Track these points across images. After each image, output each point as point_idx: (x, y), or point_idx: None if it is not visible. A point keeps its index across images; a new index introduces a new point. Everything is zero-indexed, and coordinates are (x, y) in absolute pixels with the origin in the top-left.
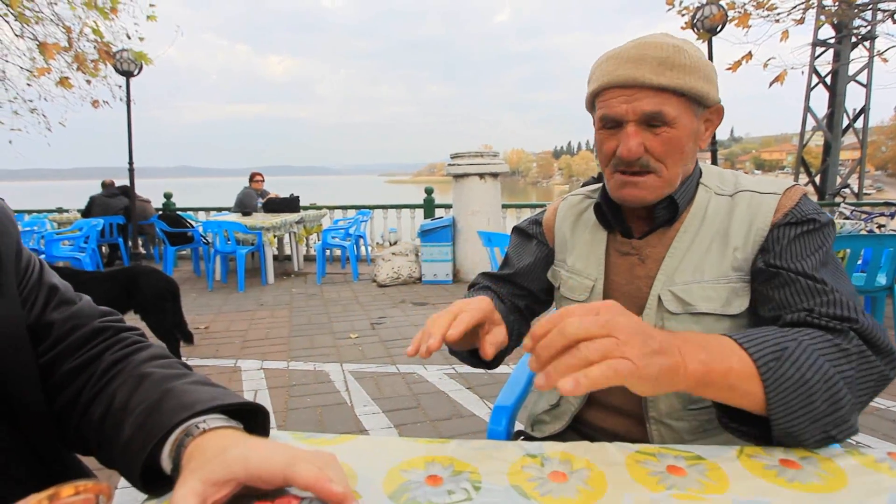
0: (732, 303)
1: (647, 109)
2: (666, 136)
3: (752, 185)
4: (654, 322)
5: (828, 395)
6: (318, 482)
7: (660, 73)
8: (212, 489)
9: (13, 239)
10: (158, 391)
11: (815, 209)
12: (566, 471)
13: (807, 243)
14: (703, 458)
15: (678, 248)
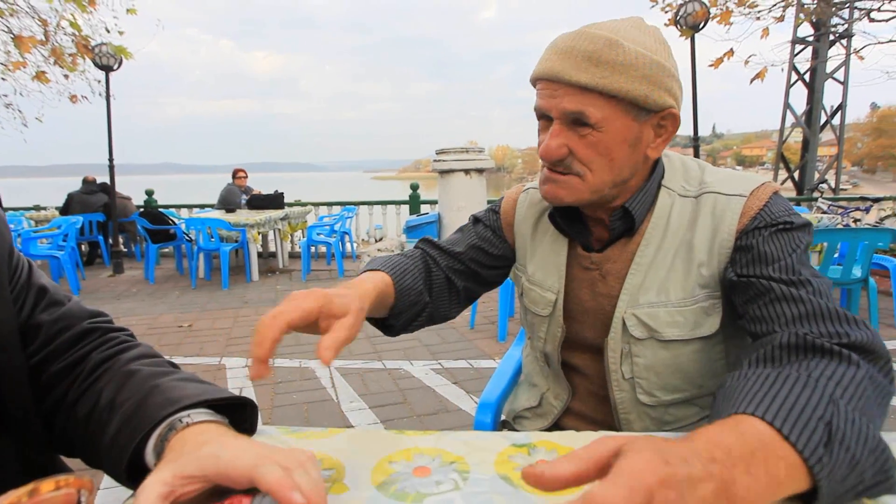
0: (703, 324)
1: (568, 109)
2: (591, 140)
3: (717, 184)
4: (619, 346)
5: (877, 466)
6: (282, 488)
7: (582, 69)
8: (180, 482)
9: (6, 241)
10: (145, 388)
11: (787, 210)
12: (553, 459)
13: (780, 244)
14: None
15: (640, 263)
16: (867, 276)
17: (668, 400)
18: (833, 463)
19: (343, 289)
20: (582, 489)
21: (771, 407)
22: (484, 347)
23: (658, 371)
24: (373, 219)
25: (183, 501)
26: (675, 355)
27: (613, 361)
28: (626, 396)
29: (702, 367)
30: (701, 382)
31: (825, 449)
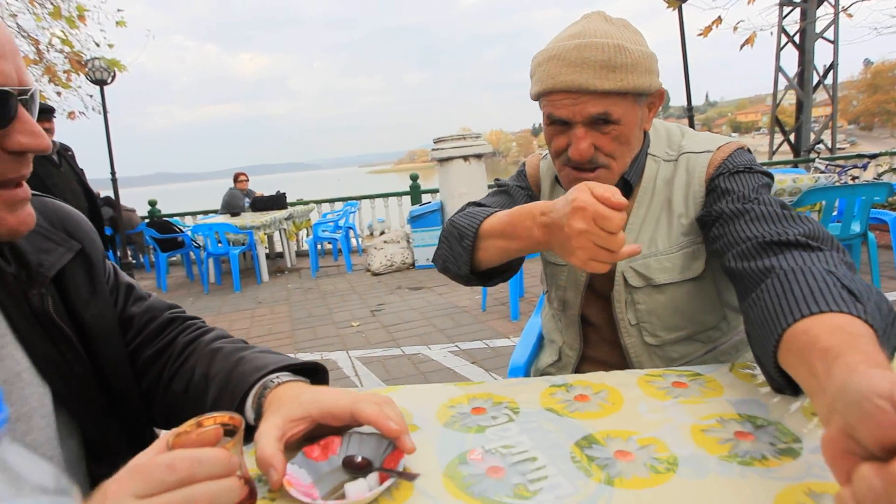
0: (690, 266)
1: (594, 112)
2: (614, 134)
3: (692, 145)
4: (623, 297)
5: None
6: (379, 419)
7: (603, 77)
8: (290, 425)
9: (98, 247)
10: (232, 360)
11: (748, 160)
12: (588, 393)
13: (739, 182)
14: (701, 374)
15: (634, 223)
16: (866, 230)
17: (671, 339)
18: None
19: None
20: None
21: (812, 302)
22: (498, 328)
23: (658, 314)
24: (375, 212)
25: (291, 442)
26: (670, 298)
27: (619, 310)
28: (634, 341)
29: (697, 305)
30: (699, 319)
31: (858, 303)
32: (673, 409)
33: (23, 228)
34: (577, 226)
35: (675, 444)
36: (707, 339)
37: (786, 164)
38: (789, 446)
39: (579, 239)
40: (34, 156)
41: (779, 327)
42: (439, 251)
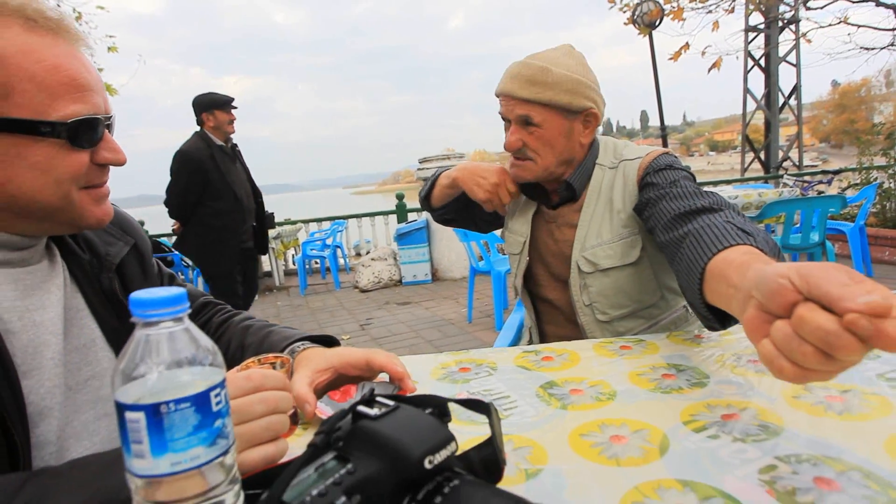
0: (629, 253)
1: (519, 113)
2: (537, 134)
3: (628, 154)
4: (577, 281)
5: (770, 239)
6: (388, 363)
7: (526, 88)
8: (317, 374)
9: (147, 242)
10: (262, 333)
11: (670, 161)
12: (553, 355)
13: (661, 176)
14: (643, 340)
15: (584, 220)
16: (824, 240)
17: (618, 315)
18: (759, 242)
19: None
20: None
21: (715, 244)
22: (483, 338)
23: (606, 294)
24: (362, 231)
25: (318, 389)
26: (615, 280)
27: (576, 293)
28: (588, 319)
29: (637, 286)
30: (639, 298)
31: (751, 237)
32: (618, 363)
33: (106, 219)
34: (494, 179)
35: (615, 384)
36: (648, 315)
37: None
38: (700, 381)
39: (491, 186)
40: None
41: (698, 268)
42: (424, 185)
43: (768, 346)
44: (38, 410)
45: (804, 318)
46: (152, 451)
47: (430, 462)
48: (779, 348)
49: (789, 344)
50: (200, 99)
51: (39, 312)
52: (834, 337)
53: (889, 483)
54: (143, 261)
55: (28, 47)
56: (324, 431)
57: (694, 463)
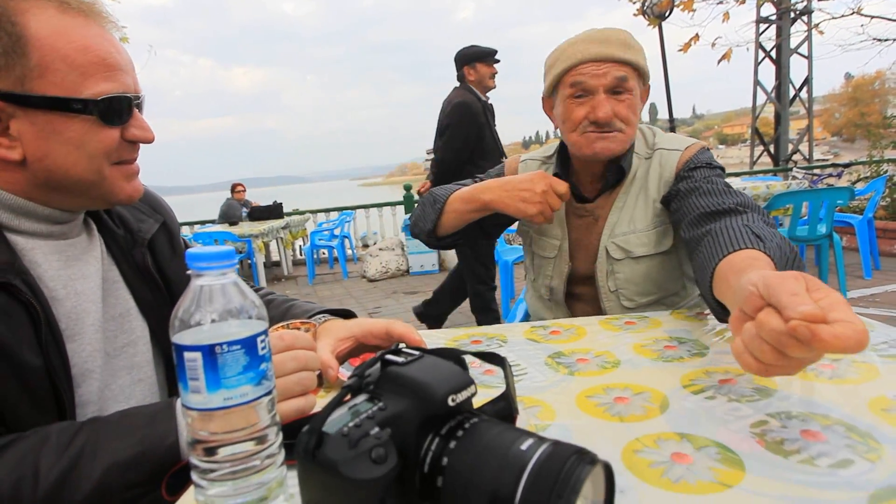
0: (662, 242)
1: (617, 75)
2: (628, 102)
3: (664, 143)
4: (605, 267)
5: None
6: (406, 332)
7: (623, 49)
8: (339, 342)
9: (175, 220)
10: (284, 307)
11: (708, 158)
12: (560, 330)
13: (698, 174)
14: (648, 316)
15: (617, 206)
16: (831, 232)
17: (644, 302)
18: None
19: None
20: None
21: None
22: None
23: (635, 281)
24: (370, 222)
25: (340, 356)
26: (646, 267)
27: (601, 279)
28: (613, 304)
29: (664, 274)
30: (665, 286)
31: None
32: (622, 335)
33: (136, 195)
34: (540, 187)
35: (620, 354)
36: (670, 303)
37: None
38: (700, 351)
39: (540, 196)
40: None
41: (710, 267)
42: (415, 213)
43: (738, 343)
44: (80, 372)
45: (761, 322)
46: (207, 387)
47: (452, 400)
48: (745, 346)
49: (753, 342)
50: (463, 52)
51: (81, 282)
52: (783, 338)
53: (869, 434)
54: (171, 238)
55: (61, 28)
56: (356, 375)
57: (691, 419)
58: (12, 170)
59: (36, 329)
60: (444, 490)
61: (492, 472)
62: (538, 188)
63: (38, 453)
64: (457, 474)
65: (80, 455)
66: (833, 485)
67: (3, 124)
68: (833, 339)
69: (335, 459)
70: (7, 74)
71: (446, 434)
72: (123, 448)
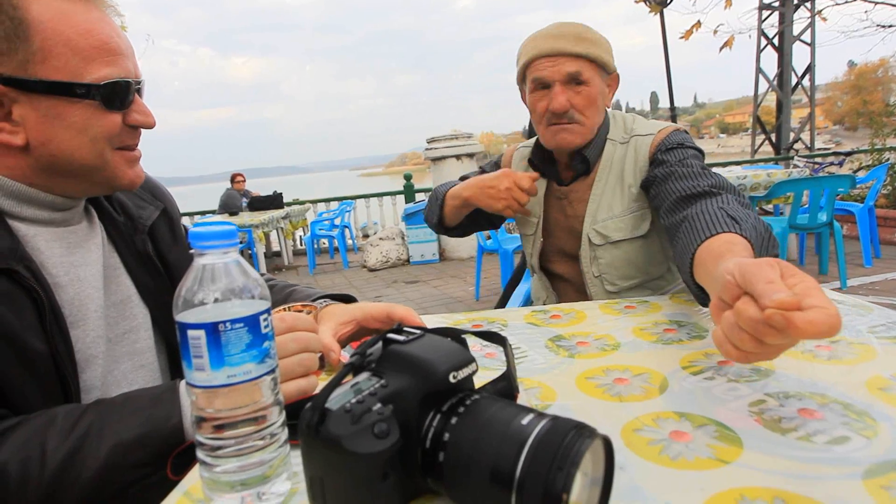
0: (639, 226)
1: (570, 70)
2: (585, 93)
3: (640, 128)
4: (588, 254)
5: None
6: (407, 314)
7: (576, 44)
8: (340, 326)
9: (175, 207)
10: (286, 291)
11: (681, 138)
12: (561, 314)
13: (672, 155)
14: (647, 300)
15: (595, 194)
16: (832, 220)
17: (626, 286)
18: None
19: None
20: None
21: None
22: None
23: (616, 266)
24: (370, 211)
25: (341, 340)
26: (624, 252)
27: (585, 265)
28: (597, 290)
29: (645, 258)
30: (647, 269)
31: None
32: (622, 319)
33: (137, 181)
34: (504, 184)
35: (620, 337)
36: (655, 286)
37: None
38: (699, 334)
39: (504, 193)
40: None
41: (689, 254)
42: (425, 209)
43: (718, 332)
44: (84, 358)
45: (739, 311)
46: (211, 365)
47: (454, 377)
48: (725, 334)
49: (732, 331)
50: None
51: (83, 268)
52: (760, 326)
53: (866, 412)
54: (172, 224)
55: (62, 12)
56: (358, 354)
57: (690, 399)
58: (15, 155)
59: (40, 315)
60: (446, 465)
61: (493, 447)
62: (502, 185)
63: (45, 434)
64: (458, 449)
65: (86, 436)
66: (829, 460)
67: (5, 109)
68: (807, 325)
69: (338, 434)
70: (9, 59)
71: (447, 410)
72: (128, 429)
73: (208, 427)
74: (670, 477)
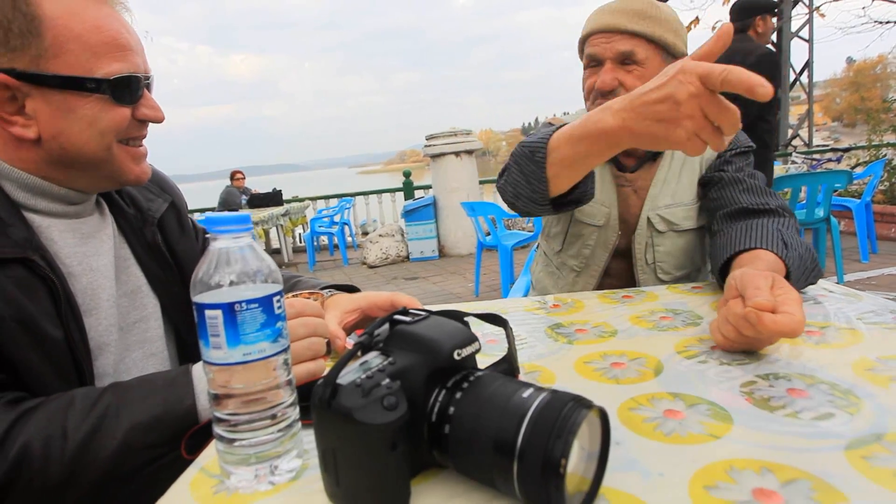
0: (701, 216)
1: (622, 49)
2: (637, 74)
3: None
4: (644, 239)
5: (810, 256)
6: (413, 302)
7: (634, 21)
8: (345, 315)
9: (183, 200)
10: (291, 281)
11: (746, 138)
12: (560, 304)
13: (743, 158)
14: (644, 290)
15: (658, 179)
16: (829, 215)
17: (679, 275)
18: (791, 257)
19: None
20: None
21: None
22: None
23: (675, 254)
24: (369, 209)
25: (346, 328)
26: (686, 241)
27: (639, 251)
28: (648, 277)
29: (698, 248)
30: (695, 261)
31: (786, 250)
32: (620, 308)
33: (143, 178)
34: (688, 89)
35: (617, 324)
36: (695, 277)
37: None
38: (694, 321)
39: (689, 104)
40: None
41: (734, 249)
42: (509, 177)
43: (713, 322)
44: (97, 345)
45: (729, 307)
46: (228, 343)
47: (458, 354)
48: (717, 325)
49: (722, 321)
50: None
51: (95, 259)
52: (740, 320)
53: (851, 391)
54: (180, 216)
55: (74, 9)
56: (367, 334)
57: (684, 380)
58: (28, 148)
59: (55, 303)
60: (452, 437)
61: (495, 419)
62: (681, 93)
63: (66, 415)
64: (462, 422)
65: (105, 416)
66: (814, 434)
67: (19, 103)
68: (772, 324)
69: (349, 406)
70: (23, 55)
71: (452, 386)
72: (144, 410)
73: (225, 403)
74: (664, 450)
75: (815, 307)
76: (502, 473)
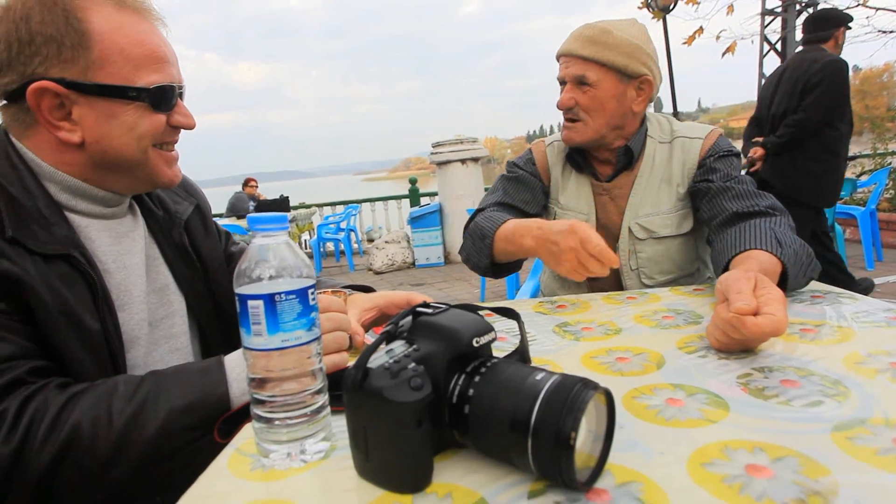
0: (682, 224)
1: (575, 73)
2: (590, 94)
3: (682, 130)
4: (627, 247)
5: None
6: (429, 301)
7: (585, 47)
8: (364, 313)
9: (207, 204)
10: None
11: (728, 144)
12: (567, 304)
13: (726, 163)
14: (647, 293)
15: (638, 189)
16: (833, 223)
17: (663, 280)
18: (786, 254)
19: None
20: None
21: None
22: None
23: (656, 260)
24: (375, 215)
25: (365, 325)
26: (666, 248)
27: (623, 258)
28: (633, 283)
29: (683, 255)
30: (683, 266)
31: (780, 248)
32: (624, 308)
33: (175, 180)
34: (569, 243)
35: (621, 323)
36: (686, 282)
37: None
38: (695, 320)
39: (567, 253)
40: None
41: (731, 253)
42: (465, 245)
43: (709, 326)
44: (129, 339)
45: (717, 312)
46: (268, 330)
47: (476, 342)
48: (710, 329)
49: (712, 325)
50: (836, 12)
51: (128, 257)
52: (725, 325)
53: (840, 382)
54: (204, 219)
55: (118, 24)
56: (392, 323)
57: (685, 373)
58: (72, 152)
59: (93, 297)
60: (471, 416)
61: (511, 400)
62: (565, 244)
63: (111, 398)
64: (481, 402)
65: (146, 400)
66: (803, 419)
67: (66, 110)
68: (753, 326)
69: (379, 386)
70: (73, 66)
71: (471, 371)
72: (181, 395)
73: (263, 385)
74: (665, 433)
75: (812, 307)
76: (518, 449)
